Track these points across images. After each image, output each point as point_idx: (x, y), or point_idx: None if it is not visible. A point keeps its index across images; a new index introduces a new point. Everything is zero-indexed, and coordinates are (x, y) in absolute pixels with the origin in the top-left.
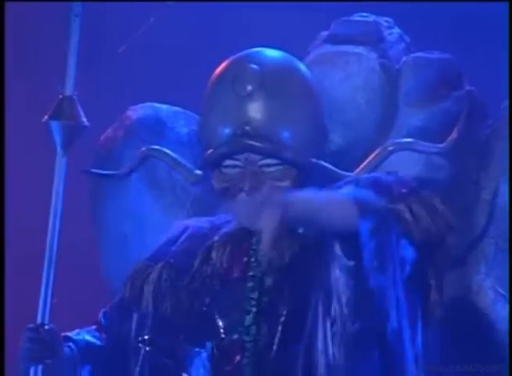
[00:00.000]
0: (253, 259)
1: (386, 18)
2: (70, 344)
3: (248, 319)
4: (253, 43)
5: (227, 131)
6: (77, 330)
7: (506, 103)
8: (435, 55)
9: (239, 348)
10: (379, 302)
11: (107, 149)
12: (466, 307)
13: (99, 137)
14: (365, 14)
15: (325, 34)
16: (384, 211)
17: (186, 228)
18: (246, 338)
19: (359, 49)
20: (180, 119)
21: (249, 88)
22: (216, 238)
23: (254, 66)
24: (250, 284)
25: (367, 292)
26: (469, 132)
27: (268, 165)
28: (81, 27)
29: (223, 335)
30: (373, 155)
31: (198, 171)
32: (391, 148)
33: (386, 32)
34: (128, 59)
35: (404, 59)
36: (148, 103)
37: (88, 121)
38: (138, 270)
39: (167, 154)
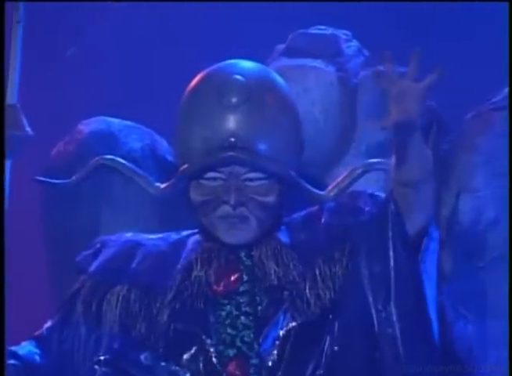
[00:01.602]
0: (245, 275)
1: (344, 31)
2: (15, 361)
3: (248, 334)
4: (211, 53)
5: (212, 142)
6: (23, 344)
7: (469, 115)
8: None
9: (240, 364)
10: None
11: (58, 163)
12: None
13: (45, 147)
14: (323, 27)
15: (282, 47)
16: None
17: (137, 244)
18: (250, 354)
19: (317, 63)
20: (133, 133)
21: (236, 99)
22: (193, 255)
23: (240, 78)
24: (243, 300)
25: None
26: (431, 134)
27: (252, 179)
28: (32, 33)
29: (213, 353)
30: (342, 176)
31: (159, 184)
32: (360, 170)
33: (344, 45)
34: (77, 67)
35: (362, 73)
36: (100, 117)
37: (32, 130)
38: (90, 287)
39: (124, 164)
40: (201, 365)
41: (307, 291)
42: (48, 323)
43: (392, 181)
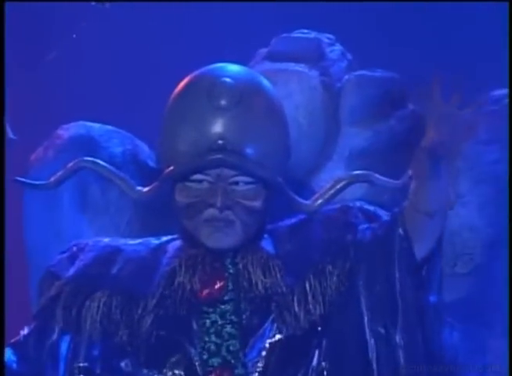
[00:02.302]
0: (230, 283)
1: (327, 35)
2: None
3: (234, 343)
4: (193, 58)
5: (200, 144)
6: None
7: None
8: (378, 73)
9: (224, 374)
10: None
11: (38, 169)
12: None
13: (24, 152)
14: (306, 31)
15: (264, 50)
16: None
17: (116, 250)
18: (235, 364)
19: (300, 67)
20: (113, 138)
21: (226, 101)
22: (176, 261)
23: (231, 80)
24: (228, 308)
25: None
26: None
27: (239, 183)
28: (11, 36)
29: (197, 362)
30: (327, 187)
31: (140, 188)
32: (345, 181)
33: (327, 49)
34: (57, 71)
35: (346, 77)
36: (80, 122)
37: (15, 134)
38: (69, 292)
39: (105, 166)
40: (184, 373)
41: (295, 304)
42: (26, 330)
43: (409, 205)
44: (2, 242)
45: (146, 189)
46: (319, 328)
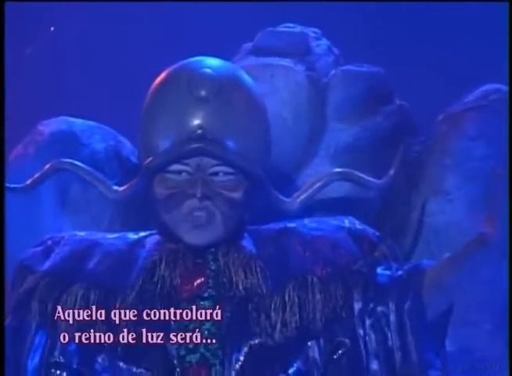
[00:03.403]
0: (210, 280)
1: (313, 29)
2: None
3: (214, 341)
4: (175, 52)
5: (179, 134)
6: None
7: (441, 117)
8: (365, 68)
9: (202, 371)
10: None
11: (18, 166)
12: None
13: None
14: (291, 25)
15: (249, 45)
16: None
17: (94, 243)
18: (213, 362)
19: (286, 62)
20: (95, 134)
21: (206, 92)
22: (157, 254)
23: (211, 71)
24: (208, 305)
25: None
26: (400, 149)
27: (219, 174)
28: None
29: (175, 358)
30: (307, 184)
31: (116, 187)
32: (326, 178)
33: (313, 43)
34: (38, 65)
35: (333, 72)
36: (62, 117)
37: None
38: (45, 286)
39: (82, 168)
40: (161, 369)
41: (272, 309)
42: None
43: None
44: (2, 242)
45: (122, 188)
46: (299, 341)
